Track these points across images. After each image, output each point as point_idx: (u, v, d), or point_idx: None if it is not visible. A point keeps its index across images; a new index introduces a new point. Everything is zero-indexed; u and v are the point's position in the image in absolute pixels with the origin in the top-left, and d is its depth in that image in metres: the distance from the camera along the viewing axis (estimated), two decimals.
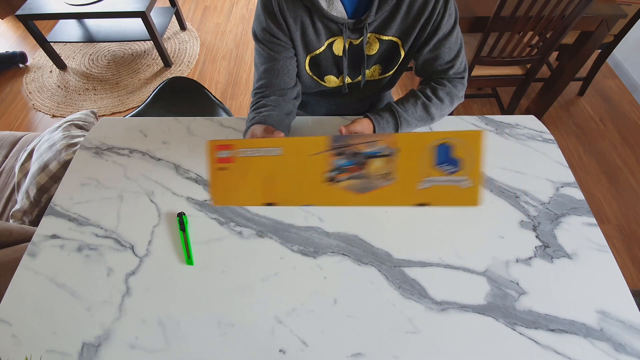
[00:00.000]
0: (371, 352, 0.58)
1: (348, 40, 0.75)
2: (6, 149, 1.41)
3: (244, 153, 0.41)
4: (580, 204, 0.75)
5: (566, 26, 1.35)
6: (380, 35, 0.75)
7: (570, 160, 1.85)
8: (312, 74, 0.84)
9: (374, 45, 0.77)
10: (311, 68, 0.82)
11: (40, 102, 2.20)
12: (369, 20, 0.70)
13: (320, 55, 0.79)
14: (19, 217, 1.15)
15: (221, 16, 2.75)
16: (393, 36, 0.76)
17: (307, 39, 0.75)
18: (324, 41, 0.76)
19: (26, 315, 0.63)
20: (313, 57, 0.79)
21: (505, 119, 0.90)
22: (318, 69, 0.82)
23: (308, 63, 0.81)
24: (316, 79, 0.85)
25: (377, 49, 0.77)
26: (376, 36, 0.75)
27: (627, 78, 2.18)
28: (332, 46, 0.77)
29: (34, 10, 2.03)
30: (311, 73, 0.83)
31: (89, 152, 0.86)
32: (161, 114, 1.38)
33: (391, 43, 0.77)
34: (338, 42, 0.76)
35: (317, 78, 0.84)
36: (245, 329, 0.61)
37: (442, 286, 0.65)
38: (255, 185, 0.41)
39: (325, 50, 0.78)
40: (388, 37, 0.75)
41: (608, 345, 0.58)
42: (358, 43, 0.76)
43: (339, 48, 0.77)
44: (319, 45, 0.77)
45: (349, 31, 0.73)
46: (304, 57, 0.80)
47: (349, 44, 0.77)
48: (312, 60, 0.80)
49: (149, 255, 0.69)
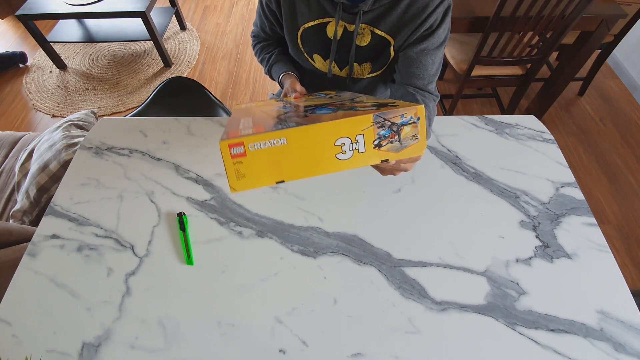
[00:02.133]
0: (371, 352, 0.58)
1: (341, 24, 0.76)
2: (6, 149, 1.41)
3: (252, 148, 0.48)
4: (580, 204, 0.75)
5: (566, 26, 1.35)
6: (373, 28, 0.75)
7: (570, 160, 1.85)
8: (303, 50, 0.86)
9: (366, 36, 0.77)
10: (303, 43, 0.84)
11: (40, 102, 2.20)
12: (365, 8, 0.70)
13: (310, 31, 0.80)
14: (19, 217, 1.15)
15: (221, 16, 2.75)
16: (386, 33, 0.76)
17: (296, 9, 0.77)
18: (316, 17, 0.77)
19: (26, 315, 0.63)
20: (304, 32, 0.81)
21: (505, 119, 0.90)
22: (308, 45, 0.84)
23: (300, 37, 0.83)
24: (306, 55, 0.86)
25: (369, 42, 0.77)
26: (370, 28, 0.76)
27: (627, 78, 2.18)
28: (326, 28, 0.78)
29: (34, 10, 2.03)
30: (302, 49, 0.85)
31: (89, 152, 0.86)
32: (161, 114, 1.38)
33: (383, 40, 0.77)
34: (331, 25, 0.77)
35: (306, 54, 0.86)
36: (245, 329, 0.61)
37: (442, 286, 0.65)
38: (266, 169, 0.49)
39: (315, 28, 0.79)
40: (381, 32, 0.75)
41: (608, 345, 0.58)
42: (351, 31, 0.77)
43: (331, 31, 0.78)
44: (310, 18, 0.78)
45: (342, 12, 0.74)
46: (295, 30, 0.81)
47: (343, 30, 0.77)
48: (304, 35, 0.82)
49: (149, 255, 0.69)
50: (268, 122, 0.53)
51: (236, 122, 0.56)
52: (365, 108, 0.53)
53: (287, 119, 0.54)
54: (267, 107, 0.63)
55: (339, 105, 0.57)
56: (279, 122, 0.53)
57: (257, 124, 0.53)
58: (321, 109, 0.56)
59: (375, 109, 0.50)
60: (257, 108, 0.63)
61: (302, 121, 0.50)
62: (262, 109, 0.61)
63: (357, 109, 0.52)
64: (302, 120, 0.51)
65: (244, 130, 0.50)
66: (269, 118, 0.56)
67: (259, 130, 0.48)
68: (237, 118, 0.58)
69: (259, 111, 0.59)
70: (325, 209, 0.75)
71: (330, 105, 0.57)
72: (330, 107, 0.56)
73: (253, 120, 0.55)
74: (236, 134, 0.49)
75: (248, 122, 0.54)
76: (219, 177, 0.80)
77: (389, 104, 0.52)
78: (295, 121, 0.50)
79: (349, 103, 0.57)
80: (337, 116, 0.49)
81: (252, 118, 0.57)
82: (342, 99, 0.62)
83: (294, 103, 0.64)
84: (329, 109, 0.55)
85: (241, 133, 0.49)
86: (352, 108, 0.54)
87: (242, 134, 0.49)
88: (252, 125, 0.52)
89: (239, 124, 0.54)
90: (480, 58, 1.53)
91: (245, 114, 0.58)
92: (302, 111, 0.58)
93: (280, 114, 0.57)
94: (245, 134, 0.48)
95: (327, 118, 0.50)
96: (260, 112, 0.58)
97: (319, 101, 0.62)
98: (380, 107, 0.51)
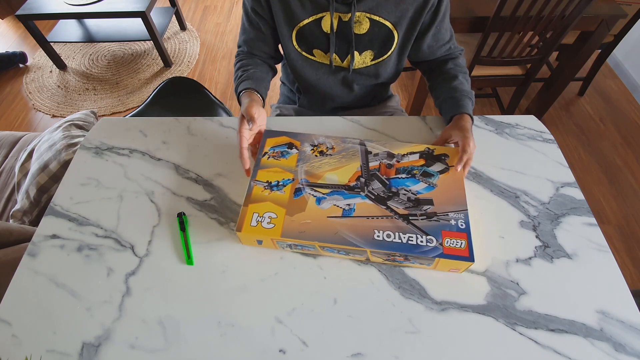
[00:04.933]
0: (371, 352, 0.58)
1: (336, 14, 0.75)
2: (6, 149, 1.41)
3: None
4: (580, 204, 0.75)
5: (566, 26, 1.35)
6: (371, 14, 0.75)
7: (570, 160, 1.85)
8: (299, 49, 0.84)
9: (364, 24, 0.76)
10: (299, 43, 0.83)
11: (40, 102, 2.20)
12: None
13: (305, 29, 0.79)
14: (19, 217, 1.15)
15: (221, 16, 2.75)
16: (385, 19, 0.76)
17: (290, 10, 0.76)
18: (310, 14, 0.76)
19: (26, 315, 0.63)
20: (300, 31, 0.80)
21: (505, 119, 0.90)
22: (306, 43, 0.83)
23: (295, 38, 0.81)
24: (305, 54, 0.85)
25: (367, 29, 0.77)
26: (366, 15, 0.75)
27: (627, 78, 2.18)
28: (321, 22, 0.77)
29: (34, 10, 2.03)
30: (299, 49, 0.84)
31: (89, 152, 0.86)
32: (161, 114, 1.38)
33: (382, 26, 0.77)
34: (326, 18, 0.76)
35: (305, 53, 0.85)
36: (245, 329, 0.61)
37: (442, 286, 0.65)
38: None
39: (311, 24, 0.78)
40: (379, 17, 0.75)
41: (608, 345, 0.58)
42: (347, 20, 0.76)
43: (327, 25, 0.77)
44: (304, 16, 0.77)
45: (336, 3, 0.74)
46: (289, 30, 0.80)
47: (339, 21, 0.77)
48: (299, 34, 0.80)
49: (149, 255, 0.69)
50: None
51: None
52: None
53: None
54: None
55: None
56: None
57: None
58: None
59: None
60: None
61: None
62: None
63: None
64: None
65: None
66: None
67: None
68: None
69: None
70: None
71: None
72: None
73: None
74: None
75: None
76: (219, 177, 0.80)
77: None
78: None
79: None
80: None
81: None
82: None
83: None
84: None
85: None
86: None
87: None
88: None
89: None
90: (480, 58, 1.53)
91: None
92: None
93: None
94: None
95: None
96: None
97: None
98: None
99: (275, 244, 0.66)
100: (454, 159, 0.73)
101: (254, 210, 0.65)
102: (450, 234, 0.62)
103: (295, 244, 0.64)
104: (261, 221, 0.64)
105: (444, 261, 0.61)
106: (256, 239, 0.65)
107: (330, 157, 0.72)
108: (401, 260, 0.63)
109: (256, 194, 0.67)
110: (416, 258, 0.61)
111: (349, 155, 0.73)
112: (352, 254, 0.64)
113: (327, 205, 0.66)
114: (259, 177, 0.70)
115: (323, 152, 0.73)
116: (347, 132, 0.86)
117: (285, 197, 0.67)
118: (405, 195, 0.67)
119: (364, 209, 0.65)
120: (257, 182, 0.69)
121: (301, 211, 0.65)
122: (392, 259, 0.64)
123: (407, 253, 0.60)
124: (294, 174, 0.70)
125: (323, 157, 0.72)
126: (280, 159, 0.72)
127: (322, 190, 0.68)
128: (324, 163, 0.71)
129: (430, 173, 0.70)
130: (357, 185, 0.68)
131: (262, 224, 0.63)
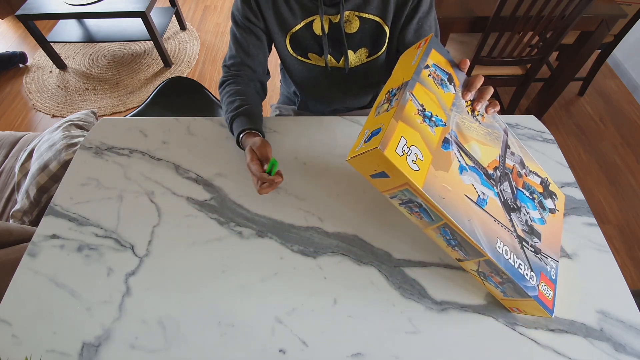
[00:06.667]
0: (371, 352, 0.58)
1: (326, 17, 0.76)
2: (6, 149, 1.41)
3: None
4: (580, 204, 0.75)
5: (566, 26, 1.35)
6: (359, 12, 0.76)
7: (570, 160, 1.85)
8: (295, 54, 0.84)
9: (354, 22, 0.77)
10: (293, 49, 0.83)
11: (40, 102, 2.20)
12: None
13: (298, 34, 0.80)
14: (19, 217, 1.15)
15: (221, 16, 2.75)
16: (373, 14, 0.76)
17: (282, 17, 0.77)
18: (301, 19, 0.77)
19: (26, 315, 0.63)
20: (293, 37, 0.80)
21: (505, 118, 0.90)
22: (300, 47, 0.83)
23: (289, 43, 0.82)
24: (300, 58, 0.85)
25: (358, 28, 0.78)
26: (355, 13, 0.76)
27: (627, 78, 2.18)
28: (312, 25, 0.78)
29: (34, 10, 2.03)
30: (294, 53, 0.84)
31: (89, 152, 0.86)
32: (161, 114, 1.38)
33: (373, 22, 0.77)
34: (317, 21, 0.77)
35: (301, 57, 0.85)
36: (245, 329, 0.61)
37: (442, 286, 0.65)
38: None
39: (303, 29, 0.78)
40: (368, 14, 0.76)
41: (608, 345, 0.58)
42: (337, 21, 0.76)
43: (318, 27, 0.78)
44: (295, 22, 0.77)
45: (325, 6, 0.74)
46: (282, 36, 0.81)
47: (329, 23, 0.77)
48: (293, 39, 0.81)
49: (149, 255, 0.69)
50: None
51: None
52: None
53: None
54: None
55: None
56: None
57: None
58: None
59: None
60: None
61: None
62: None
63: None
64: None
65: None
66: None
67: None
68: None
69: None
70: (325, 209, 0.75)
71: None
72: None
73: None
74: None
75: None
76: (219, 177, 0.80)
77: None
78: None
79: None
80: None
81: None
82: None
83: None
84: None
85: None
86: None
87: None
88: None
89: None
90: (480, 58, 1.53)
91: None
92: None
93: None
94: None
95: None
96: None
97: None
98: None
99: (404, 192, 0.49)
100: (561, 203, 0.66)
101: (403, 132, 0.47)
102: (546, 280, 0.56)
103: (426, 205, 0.49)
104: (407, 153, 0.47)
105: (533, 304, 0.54)
106: (392, 172, 0.47)
107: (479, 125, 0.58)
108: (491, 279, 0.55)
109: (408, 113, 0.49)
110: (515, 291, 0.54)
111: (494, 136, 0.60)
112: (467, 253, 0.54)
113: (467, 180, 0.52)
114: (416, 93, 0.51)
115: (474, 114, 0.59)
116: (347, 133, 0.86)
117: (434, 140, 0.51)
118: (525, 216, 0.58)
119: (494, 208, 0.54)
120: (414, 99, 0.51)
121: (444, 170, 0.50)
122: (489, 274, 0.55)
123: (517, 281, 0.52)
124: (448, 117, 0.54)
125: (474, 119, 0.58)
126: (439, 87, 0.55)
127: (466, 159, 0.54)
128: (473, 127, 0.57)
129: (545, 207, 0.63)
130: (494, 177, 0.56)
131: (408, 159, 0.46)
